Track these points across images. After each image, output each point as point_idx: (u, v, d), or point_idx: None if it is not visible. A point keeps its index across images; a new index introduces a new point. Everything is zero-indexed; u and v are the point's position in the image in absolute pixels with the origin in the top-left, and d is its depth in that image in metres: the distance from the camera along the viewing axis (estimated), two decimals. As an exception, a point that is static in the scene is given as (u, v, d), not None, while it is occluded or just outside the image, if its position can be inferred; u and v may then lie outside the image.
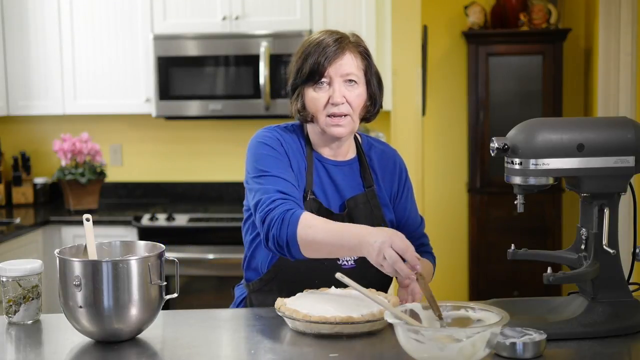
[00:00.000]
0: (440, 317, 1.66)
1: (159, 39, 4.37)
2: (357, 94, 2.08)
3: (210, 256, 4.14)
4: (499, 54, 5.20)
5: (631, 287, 1.91)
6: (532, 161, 1.80)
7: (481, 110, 5.19)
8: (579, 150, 1.81)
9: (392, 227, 2.18)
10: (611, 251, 1.83)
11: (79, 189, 4.49)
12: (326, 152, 2.17)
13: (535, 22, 5.13)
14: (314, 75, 2.06)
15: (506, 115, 5.11)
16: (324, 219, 1.95)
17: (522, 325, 1.72)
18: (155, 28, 4.43)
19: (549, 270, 1.79)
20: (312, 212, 2.04)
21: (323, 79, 2.06)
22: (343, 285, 1.93)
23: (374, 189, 2.16)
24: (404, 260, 1.78)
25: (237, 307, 2.26)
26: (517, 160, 1.82)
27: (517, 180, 1.84)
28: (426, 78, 4.93)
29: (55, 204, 4.78)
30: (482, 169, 5.21)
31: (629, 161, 1.83)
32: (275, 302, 1.90)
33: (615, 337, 1.79)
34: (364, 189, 2.16)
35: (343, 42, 2.08)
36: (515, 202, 1.88)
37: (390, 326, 1.59)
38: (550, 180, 1.83)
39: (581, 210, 1.91)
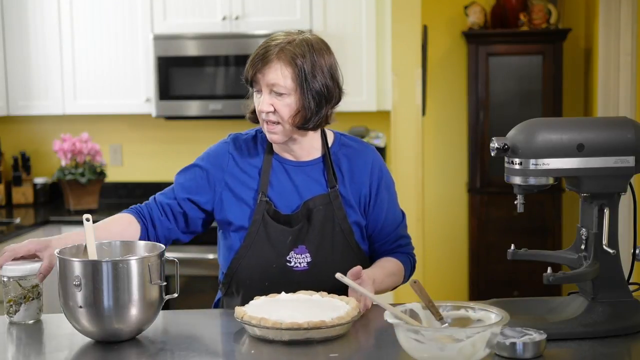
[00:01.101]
0: (440, 321, 1.66)
1: (159, 39, 4.38)
2: (285, 104, 2.04)
3: (210, 256, 4.14)
4: (499, 54, 5.20)
5: (631, 287, 1.91)
6: (532, 161, 1.80)
7: (481, 110, 5.19)
8: (579, 150, 1.81)
9: (359, 228, 2.15)
10: (611, 251, 1.83)
11: (79, 189, 4.49)
12: (287, 154, 2.17)
13: (535, 22, 5.13)
14: (247, 82, 2.10)
15: (506, 115, 5.11)
16: (105, 223, 2.16)
17: (522, 325, 1.72)
18: (155, 28, 4.43)
19: (549, 270, 1.79)
20: (263, 213, 2.09)
21: (256, 86, 2.08)
22: (292, 291, 1.97)
23: (337, 189, 2.12)
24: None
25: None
26: (517, 160, 1.82)
27: (517, 180, 1.84)
28: (426, 78, 4.93)
29: (55, 204, 4.78)
30: (482, 169, 5.21)
31: (629, 161, 1.83)
32: (235, 312, 1.86)
33: (615, 337, 1.79)
34: (327, 189, 2.13)
35: (270, 51, 2.03)
36: (515, 202, 1.88)
37: (390, 326, 1.59)
38: (550, 180, 1.83)
39: (581, 210, 1.91)
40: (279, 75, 2.02)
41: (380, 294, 2.12)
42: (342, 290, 1.93)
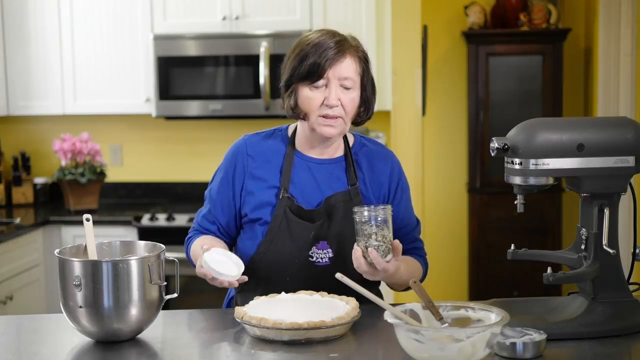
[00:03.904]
0: (440, 321, 1.66)
1: (159, 39, 4.37)
2: (351, 98, 2.09)
3: (210, 256, 4.13)
4: (499, 54, 5.20)
5: (631, 287, 1.91)
6: (532, 161, 1.80)
7: (481, 110, 5.19)
8: (579, 150, 1.81)
9: None
10: (611, 251, 1.83)
11: (79, 189, 4.49)
12: (312, 151, 2.18)
13: (535, 22, 5.13)
14: (312, 75, 2.06)
15: (506, 115, 5.11)
16: (208, 239, 2.18)
17: (522, 325, 1.73)
18: (155, 28, 4.43)
19: (549, 270, 1.79)
20: (285, 209, 2.11)
21: (321, 80, 2.07)
22: (314, 285, 1.98)
23: (357, 187, 2.16)
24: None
25: (227, 306, 2.28)
26: (517, 160, 1.82)
27: (517, 180, 1.84)
28: (426, 78, 4.93)
29: (55, 204, 4.78)
30: (482, 169, 5.21)
31: (629, 161, 1.83)
32: (235, 312, 1.87)
33: (615, 337, 1.79)
34: (347, 187, 2.16)
35: (344, 45, 2.07)
36: (515, 202, 1.88)
37: (390, 326, 1.59)
38: (550, 180, 1.83)
39: (581, 210, 1.91)
40: (352, 69, 2.08)
41: (396, 286, 2.13)
42: (363, 285, 1.95)
